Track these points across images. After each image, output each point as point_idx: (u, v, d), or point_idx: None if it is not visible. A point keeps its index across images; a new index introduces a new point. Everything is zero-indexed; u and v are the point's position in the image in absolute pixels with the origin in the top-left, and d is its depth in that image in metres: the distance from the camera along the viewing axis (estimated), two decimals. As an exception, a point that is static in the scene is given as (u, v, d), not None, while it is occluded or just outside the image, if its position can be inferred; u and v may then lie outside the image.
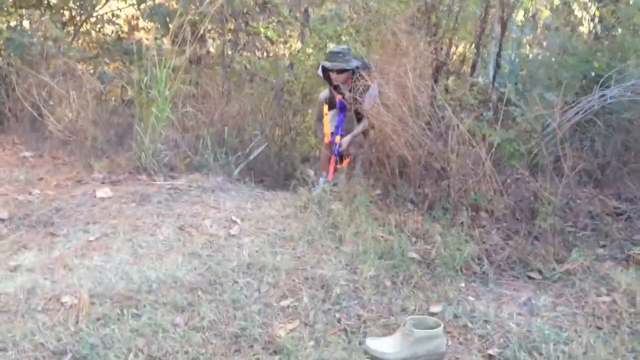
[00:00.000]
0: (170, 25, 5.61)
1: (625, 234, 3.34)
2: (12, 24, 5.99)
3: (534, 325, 2.58)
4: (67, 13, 6.77)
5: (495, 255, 3.10)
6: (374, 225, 3.32)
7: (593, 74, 4.52)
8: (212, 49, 7.60)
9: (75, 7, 6.90)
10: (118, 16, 7.62)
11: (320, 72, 4.54)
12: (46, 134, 4.83)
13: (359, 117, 4.39)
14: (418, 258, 3.05)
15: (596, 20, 5.86)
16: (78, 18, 7.06)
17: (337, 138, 4.41)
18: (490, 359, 2.38)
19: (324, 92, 4.70)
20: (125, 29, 7.76)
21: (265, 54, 7.62)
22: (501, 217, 3.40)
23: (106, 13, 7.45)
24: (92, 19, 7.24)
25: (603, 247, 3.26)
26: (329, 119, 4.55)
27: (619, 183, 3.85)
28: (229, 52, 6.96)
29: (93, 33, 7.55)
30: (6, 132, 5.05)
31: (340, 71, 4.28)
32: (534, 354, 2.40)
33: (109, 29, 7.55)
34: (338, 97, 4.51)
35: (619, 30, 5.13)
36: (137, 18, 7.88)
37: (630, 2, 5.47)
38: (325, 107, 4.57)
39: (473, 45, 4.87)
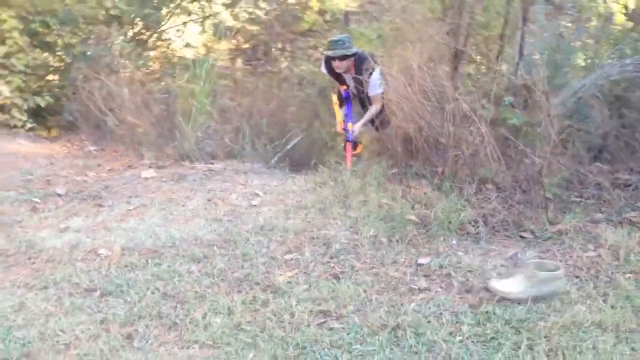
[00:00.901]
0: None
1: (627, 202, 3.42)
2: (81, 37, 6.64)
3: (514, 275, 2.77)
4: (132, 30, 7.43)
5: (491, 218, 3.28)
6: (381, 194, 3.58)
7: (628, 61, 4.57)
8: (282, 66, 8.12)
9: (142, 24, 7.57)
10: (183, 31, 8.31)
11: (323, 68, 4.71)
12: (108, 133, 5.41)
13: (366, 103, 4.55)
14: (416, 220, 3.28)
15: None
16: (146, 33, 7.74)
17: (349, 125, 4.57)
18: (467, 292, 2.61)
19: None
20: (202, 51, 8.42)
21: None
22: (505, 188, 3.56)
23: (169, 29, 8.14)
24: (157, 35, 7.92)
25: (602, 213, 3.36)
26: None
27: (632, 159, 3.91)
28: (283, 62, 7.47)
29: (162, 49, 8.26)
30: (76, 131, 5.71)
31: (342, 58, 4.38)
32: (507, 296, 2.60)
33: (187, 52, 8.21)
34: (343, 88, 4.67)
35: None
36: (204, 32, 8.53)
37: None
38: (334, 97, 4.74)
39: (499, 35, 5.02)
